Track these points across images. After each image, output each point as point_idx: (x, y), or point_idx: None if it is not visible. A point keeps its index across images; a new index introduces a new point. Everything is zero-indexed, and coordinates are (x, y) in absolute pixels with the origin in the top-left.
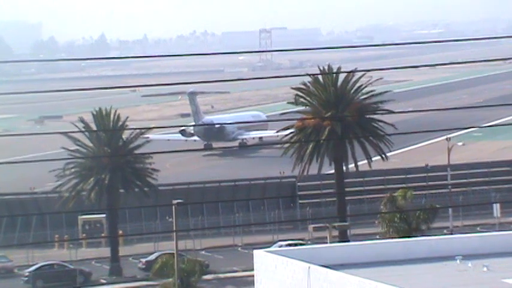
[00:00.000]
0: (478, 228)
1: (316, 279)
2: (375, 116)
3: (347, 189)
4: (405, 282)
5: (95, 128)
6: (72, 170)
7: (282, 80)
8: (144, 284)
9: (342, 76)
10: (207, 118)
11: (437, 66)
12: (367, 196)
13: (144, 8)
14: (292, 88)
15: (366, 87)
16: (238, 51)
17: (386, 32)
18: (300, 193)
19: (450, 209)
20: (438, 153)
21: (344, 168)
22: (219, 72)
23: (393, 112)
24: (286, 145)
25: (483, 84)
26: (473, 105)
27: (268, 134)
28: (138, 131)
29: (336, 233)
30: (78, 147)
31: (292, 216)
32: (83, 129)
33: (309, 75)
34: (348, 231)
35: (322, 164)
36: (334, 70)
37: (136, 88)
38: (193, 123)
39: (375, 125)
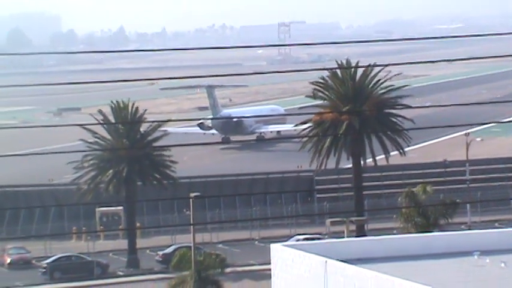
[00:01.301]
0: (496, 224)
1: (333, 273)
2: (393, 111)
3: (365, 184)
4: (422, 277)
5: (113, 121)
6: (90, 162)
7: (300, 74)
8: (161, 277)
9: (360, 70)
10: (225, 111)
11: (456, 61)
12: (385, 191)
13: (163, 1)
14: (311, 82)
15: (384, 81)
16: (257, 44)
17: (405, 26)
18: (317, 187)
19: (468, 205)
20: (456, 149)
21: (362, 162)
22: (237, 65)
23: (411, 107)
24: (304, 139)
25: (502, 79)
26: (492, 100)
27: (286, 127)
28: (156, 123)
29: (353, 227)
30: (96, 140)
31: (309, 210)
32: (101, 122)
33: (328, 69)
34: (365, 225)
35: (340, 158)
36: (353, 64)
37: (155, 81)
38: (211, 117)
39: (393, 119)
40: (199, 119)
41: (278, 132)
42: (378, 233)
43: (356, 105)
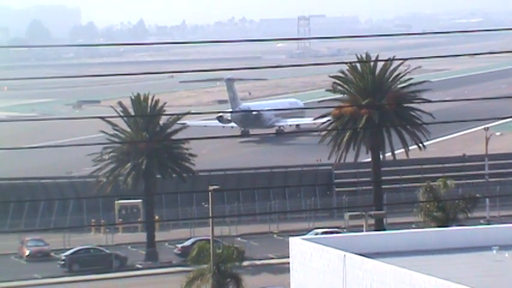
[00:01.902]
0: None
1: (352, 267)
2: (412, 105)
3: (383, 178)
4: (441, 271)
5: (133, 113)
6: (110, 154)
7: (320, 68)
8: (180, 270)
9: (379, 64)
10: (244, 105)
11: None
12: (404, 185)
13: None
14: (330, 76)
15: (403, 75)
16: (277, 38)
17: (424, 20)
18: (336, 181)
19: (487, 199)
20: (476, 143)
21: (381, 156)
22: (257, 59)
23: (431, 101)
24: (323, 133)
25: None
26: None
27: (305, 121)
28: (175, 116)
29: (372, 221)
30: (115, 132)
31: (328, 204)
32: (121, 114)
33: (347, 63)
34: (384, 219)
35: (359, 152)
36: (372, 58)
37: (174, 74)
38: (230, 110)
39: (412, 113)
40: (219, 112)
41: (297, 125)
42: (396, 227)
43: (375, 99)
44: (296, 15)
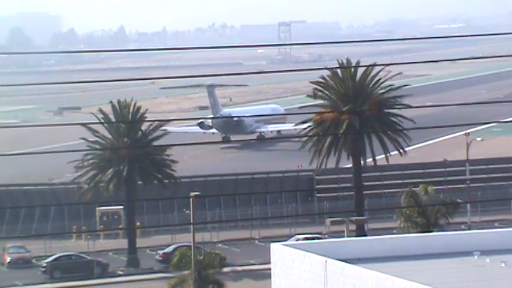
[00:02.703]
0: (496, 224)
1: (333, 273)
2: (394, 111)
3: (365, 183)
4: (422, 277)
5: (114, 120)
6: (91, 161)
7: (301, 74)
8: (161, 276)
9: (360, 70)
10: (225, 111)
11: (456, 61)
12: (385, 190)
13: (163, 1)
14: (311, 82)
15: (384, 81)
16: (257, 44)
17: (405, 26)
18: (317, 187)
19: (468, 205)
20: (457, 148)
21: (362, 162)
22: (238, 65)
23: (412, 106)
24: (304, 138)
25: (503, 79)
26: (493, 100)
27: (287, 127)
28: (156, 123)
29: (353, 227)
30: (97, 139)
31: (309, 209)
32: (102, 121)
33: (328, 68)
34: (365, 225)
35: (340, 158)
36: (353, 64)
37: (155, 80)
38: (211, 116)
39: (393, 119)
40: (200, 119)
41: (278, 131)
42: (378, 233)
43: (356, 105)
44: (277, 21)
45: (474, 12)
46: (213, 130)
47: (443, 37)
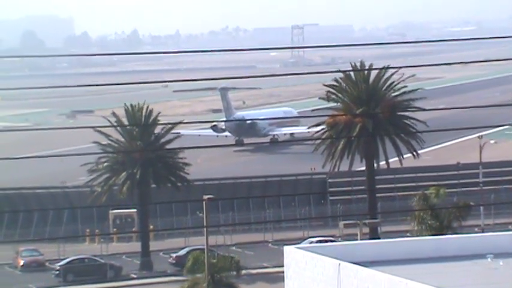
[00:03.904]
0: (510, 227)
1: (347, 276)
2: (407, 113)
3: (378, 186)
4: (435, 280)
5: (126, 123)
6: (104, 164)
7: (314, 77)
8: (174, 279)
9: (373, 73)
10: (239, 114)
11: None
12: (398, 193)
13: (177, 3)
14: (324, 85)
15: (397, 84)
16: (270, 47)
17: (418, 29)
18: (330, 190)
19: (481, 207)
20: (470, 151)
21: (375, 165)
22: (251, 68)
23: (425, 109)
24: (318, 141)
25: None
26: (506, 103)
27: (300, 130)
28: (169, 126)
29: (366, 230)
30: (110, 142)
31: (322, 212)
32: (115, 124)
33: (341, 71)
34: (379, 228)
35: (353, 161)
36: (366, 67)
37: (168, 83)
38: (224, 119)
39: (407, 122)
40: (213, 121)
41: (291, 134)
42: (391, 236)
43: (369, 108)
44: (290, 24)
45: (485, 15)
46: (226, 133)
47: (457, 39)
